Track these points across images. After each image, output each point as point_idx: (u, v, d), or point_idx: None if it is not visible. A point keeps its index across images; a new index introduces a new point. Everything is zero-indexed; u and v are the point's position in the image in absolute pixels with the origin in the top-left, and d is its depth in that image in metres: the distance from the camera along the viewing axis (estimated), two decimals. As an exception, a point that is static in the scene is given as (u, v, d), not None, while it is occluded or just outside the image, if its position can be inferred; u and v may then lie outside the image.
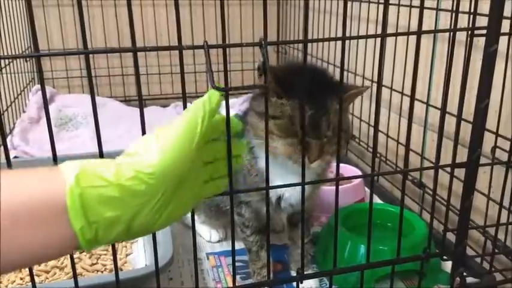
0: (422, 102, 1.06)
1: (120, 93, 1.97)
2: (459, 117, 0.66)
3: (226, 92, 0.52)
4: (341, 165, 0.89)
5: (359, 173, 1.16)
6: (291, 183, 0.62)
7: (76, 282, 0.55)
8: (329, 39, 1.25)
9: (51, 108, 1.68)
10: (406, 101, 1.03)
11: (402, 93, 1.11)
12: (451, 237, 0.75)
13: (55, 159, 0.51)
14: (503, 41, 0.65)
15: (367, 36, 0.63)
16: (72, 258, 0.55)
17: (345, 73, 1.37)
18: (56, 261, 0.87)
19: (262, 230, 0.83)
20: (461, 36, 0.68)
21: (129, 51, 0.52)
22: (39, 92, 1.73)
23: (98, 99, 1.80)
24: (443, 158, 0.70)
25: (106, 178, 0.40)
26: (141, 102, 0.53)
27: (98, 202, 0.40)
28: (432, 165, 0.84)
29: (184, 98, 0.52)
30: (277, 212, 0.81)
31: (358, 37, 0.71)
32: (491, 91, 0.62)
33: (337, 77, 0.60)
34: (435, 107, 1.03)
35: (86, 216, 0.39)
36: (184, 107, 0.49)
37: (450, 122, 0.88)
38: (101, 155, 0.52)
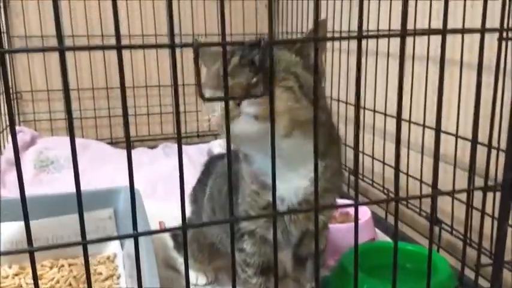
0: (431, 128, 0.98)
1: (106, 135, 1.88)
2: (474, 142, 0.58)
3: (226, 102, 0.44)
4: (347, 202, 0.80)
5: (367, 211, 1.07)
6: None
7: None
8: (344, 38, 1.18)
9: (31, 150, 1.58)
10: (405, 128, 0.97)
11: (410, 122, 1.04)
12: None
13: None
14: None
15: (388, 35, 0.55)
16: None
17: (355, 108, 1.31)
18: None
19: (266, 270, 0.72)
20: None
21: (113, 48, 0.44)
22: (20, 134, 1.64)
23: (82, 140, 1.72)
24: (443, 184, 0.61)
25: None
26: (126, 123, 0.44)
27: None
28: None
29: (177, 100, 0.43)
30: (281, 246, 0.71)
31: (377, 36, 0.62)
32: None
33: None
34: (450, 133, 0.96)
35: None
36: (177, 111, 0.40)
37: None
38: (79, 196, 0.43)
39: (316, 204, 0.51)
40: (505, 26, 0.53)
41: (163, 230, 0.54)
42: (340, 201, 1.06)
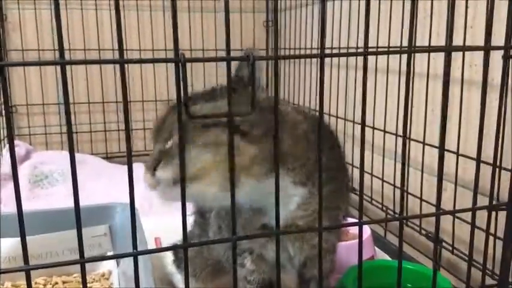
0: (435, 146, 0.98)
1: (101, 149, 1.86)
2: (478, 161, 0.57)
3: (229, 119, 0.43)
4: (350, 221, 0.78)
5: (367, 229, 1.05)
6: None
7: None
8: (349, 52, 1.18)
9: (26, 164, 1.56)
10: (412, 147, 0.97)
11: (412, 139, 1.03)
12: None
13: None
14: None
15: (400, 52, 0.55)
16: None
17: (348, 123, 1.31)
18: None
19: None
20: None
21: (115, 63, 0.43)
22: (15, 149, 1.62)
23: (77, 155, 1.70)
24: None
25: None
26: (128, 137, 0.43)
27: None
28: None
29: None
30: (284, 267, 0.69)
31: (385, 52, 0.62)
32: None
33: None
34: (450, 151, 0.95)
35: None
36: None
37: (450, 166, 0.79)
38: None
39: (320, 225, 0.50)
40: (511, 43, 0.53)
41: (163, 249, 0.52)
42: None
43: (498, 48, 0.57)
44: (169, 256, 0.97)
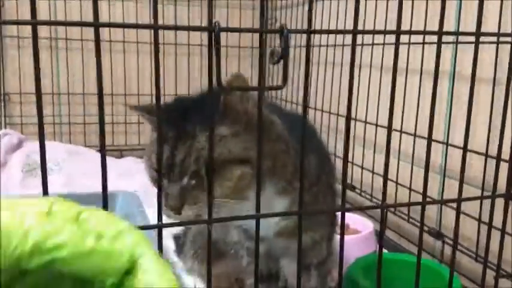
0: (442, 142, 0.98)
1: (95, 142, 1.83)
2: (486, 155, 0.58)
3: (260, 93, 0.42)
4: (348, 214, 0.78)
5: (370, 224, 1.05)
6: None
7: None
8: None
9: (19, 153, 1.53)
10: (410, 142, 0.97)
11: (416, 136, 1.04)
12: None
13: None
14: None
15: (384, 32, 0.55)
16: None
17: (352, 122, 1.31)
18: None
19: (267, 277, 0.71)
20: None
21: (149, 28, 0.42)
22: (7, 136, 1.59)
23: (71, 146, 1.68)
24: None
25: None
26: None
27: None
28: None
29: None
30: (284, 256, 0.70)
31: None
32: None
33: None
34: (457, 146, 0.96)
35: None
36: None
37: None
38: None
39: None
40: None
41: (188, 223, 0.52)
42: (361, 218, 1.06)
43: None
44: (170, 246, 0.97)
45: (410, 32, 0.57)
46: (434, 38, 0.50)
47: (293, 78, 1.51)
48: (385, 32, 0.54)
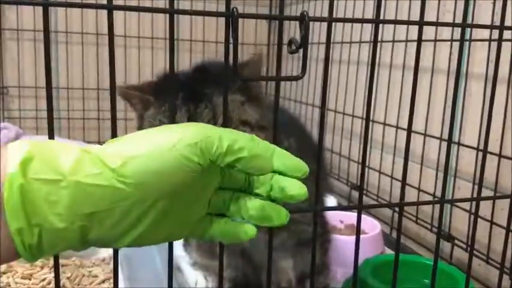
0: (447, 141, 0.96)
1: (94, 137, 1.81)
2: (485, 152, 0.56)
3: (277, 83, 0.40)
4: (354, 215, 0.77)
5: (378, 225, 1.03)
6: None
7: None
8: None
9: (17, 147, 1.50)
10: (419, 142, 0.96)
11: (425, 135, 1.02)
12: None
13: None
14: None
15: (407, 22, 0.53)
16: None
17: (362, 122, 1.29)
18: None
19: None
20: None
21: (166, 12, 0.40)
22: (4, 131, 1.56)
23: (70, 142, 1.65)
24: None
25: (60, 170, 0.30)
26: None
27: (45, 200, 0.30)
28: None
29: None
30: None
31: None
32: None
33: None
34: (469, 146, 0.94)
35: (27, 215, 0.29)
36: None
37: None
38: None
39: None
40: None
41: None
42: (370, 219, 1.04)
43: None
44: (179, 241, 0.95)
45: (435, 24, 0.55)
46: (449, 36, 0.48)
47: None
48: (408, 23, 0.51)
